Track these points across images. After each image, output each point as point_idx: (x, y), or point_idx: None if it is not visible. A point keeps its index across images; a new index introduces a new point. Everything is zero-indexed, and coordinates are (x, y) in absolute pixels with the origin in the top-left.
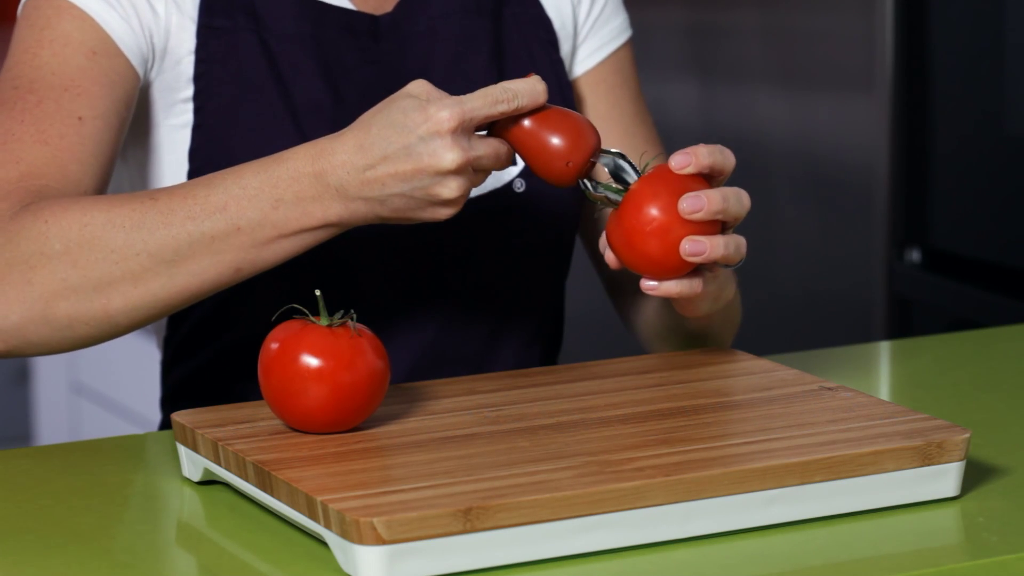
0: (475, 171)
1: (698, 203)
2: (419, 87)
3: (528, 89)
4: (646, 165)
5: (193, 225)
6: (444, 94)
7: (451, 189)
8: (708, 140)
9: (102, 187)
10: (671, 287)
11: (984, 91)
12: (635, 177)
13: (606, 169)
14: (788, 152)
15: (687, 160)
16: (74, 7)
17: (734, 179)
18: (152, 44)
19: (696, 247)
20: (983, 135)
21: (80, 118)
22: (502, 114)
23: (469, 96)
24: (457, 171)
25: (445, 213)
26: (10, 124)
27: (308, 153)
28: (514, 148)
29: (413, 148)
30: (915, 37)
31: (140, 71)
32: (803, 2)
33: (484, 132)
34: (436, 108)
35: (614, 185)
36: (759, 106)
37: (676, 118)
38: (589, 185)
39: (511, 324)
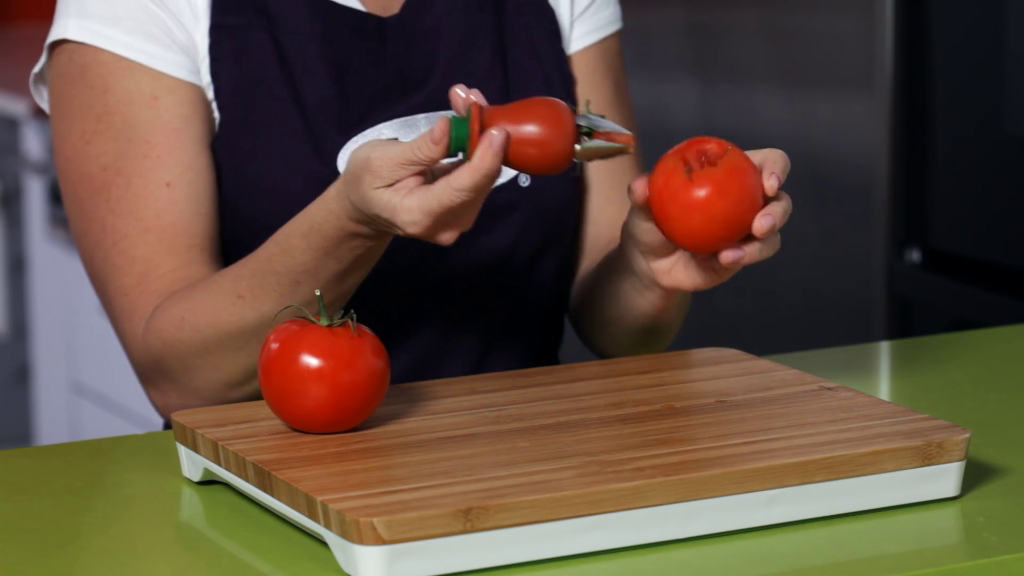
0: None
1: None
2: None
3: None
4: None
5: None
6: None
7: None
8: None
9: (212, 228)
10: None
11: (984, 91)
12: (608, 127)
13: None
14: (788, 152)
15: (770, 222)
16: (121, 59)
17: None
18: (191, 58)
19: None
20: (983, 135)
21: (168, 184)
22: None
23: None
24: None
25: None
26: (112, 219)
27: (299, 220)
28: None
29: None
30: (915, 37)
31: (199, 83)
32: (803, 2)
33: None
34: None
35: (601, 142)
36: (759, 106)
37: (676, 118)
38: (579, 147)
39: (516, 321)
